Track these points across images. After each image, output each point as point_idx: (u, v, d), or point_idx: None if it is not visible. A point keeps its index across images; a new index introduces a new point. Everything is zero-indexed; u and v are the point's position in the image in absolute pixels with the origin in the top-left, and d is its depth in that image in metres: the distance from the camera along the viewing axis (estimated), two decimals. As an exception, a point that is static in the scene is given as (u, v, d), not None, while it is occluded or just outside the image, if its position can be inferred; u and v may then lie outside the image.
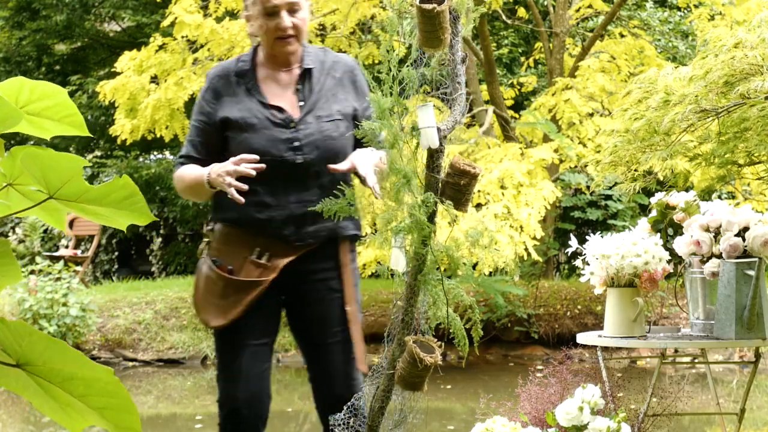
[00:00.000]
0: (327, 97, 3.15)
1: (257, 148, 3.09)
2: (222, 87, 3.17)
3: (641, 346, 3.72)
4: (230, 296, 3.16)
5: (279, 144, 3.11)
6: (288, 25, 3.11)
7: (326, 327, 3.16)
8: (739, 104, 3.47)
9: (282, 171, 3.11)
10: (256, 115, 3.11)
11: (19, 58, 17.67)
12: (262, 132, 3.11)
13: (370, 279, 12.40)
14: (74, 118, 3.12)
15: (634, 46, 13.22)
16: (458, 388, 9.99)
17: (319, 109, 3.13)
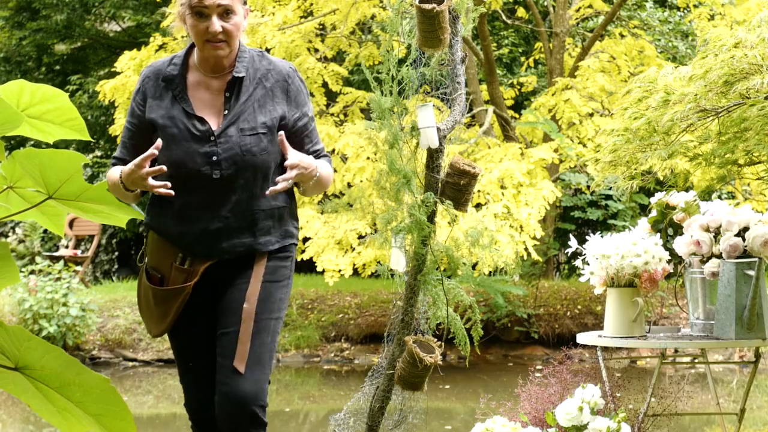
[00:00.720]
0: (253, 108, 3.02)
1: (175, 159, 3.00)
2: (150, 89, 3.08)
3: (641, 346, 3.72)
4: (161, 305, 3.12)
5: (197, 157, 3.00)
6: (217, 29, 2.95)
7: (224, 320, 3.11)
8: (739, 104, 3.47)
9: (199, 185, 3.01)
10: (177, 125, 3.02)
11: (19, 58, 17.67)
12: (181, 144, 3.01)
13: (370, 279, 12.41)
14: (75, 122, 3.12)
15: (634, 46, 13.22)
16: (458, 388, 9.99)
17: (243, 121, 3.01)
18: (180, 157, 3.01)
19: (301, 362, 11.84)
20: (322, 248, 10.41)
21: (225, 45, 2.97)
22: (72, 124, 3.11)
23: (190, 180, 3.01)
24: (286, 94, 3.04)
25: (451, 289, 3.28)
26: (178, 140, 3.01)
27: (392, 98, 3.26)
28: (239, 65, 3.01)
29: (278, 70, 3.06)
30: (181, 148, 3.01)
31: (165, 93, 3.05)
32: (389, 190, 3.25)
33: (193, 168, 3.00)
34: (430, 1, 3.20)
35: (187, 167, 3.00)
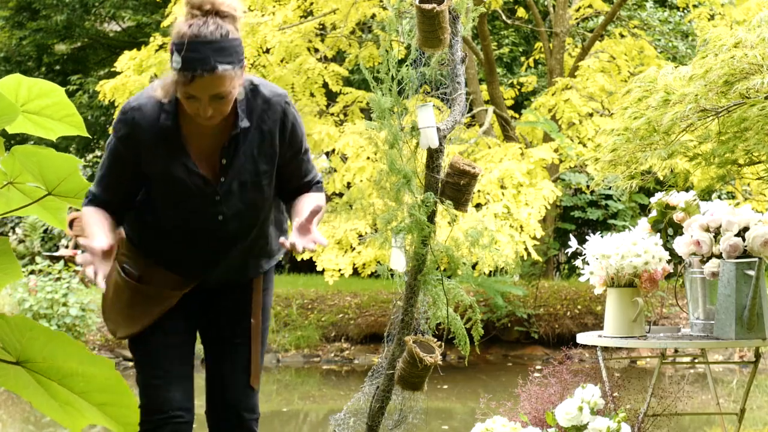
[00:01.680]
0: (253, 157, 2.81)
1: (176, 218, 2.85)
2: (144, 139, 2.77)
3: (641, 346, 3.71)
4: (138, 305, 2.92)
5: (201, 217, 2.83)
6: (207, 114, 2.66)
7: (229, 335, 3.01)
8: (739, 104, 3.47)
9: (200, 239, 2.87)
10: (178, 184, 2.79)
11: (20, 57, 17.67)
12: (184, 203, 2.82)
13: (370, 279, 12.41)
14: (73, 118, 3.11)
15: (634, 46, 13.22)
16: (458, 388, 9.99)
17: (245, 172, 2.80)
18: (182, 216, 2.84)
19: (301, 362, 11.83)
20: (322, 248, 10.41)
21: (217, 118, 2.71)
22: (70, 120, 3.10)
23: (191, 236, 2.87)
24: (283, 133, 2.84)
25: (451, 289, 3.28)
26: (180, 199, 2.81)
27: (392, 98, 3.26)
28: (240, 112, 2.77)
29: (274, 108, 2.82)
30: (184, 207, 2.83)
31: (161, 145, 2.77)
32: (389, 190, 3.25)
33: (196, 226, 2.85)
34: (430, 1, 3.20)
35: (189, 226, 2.85)
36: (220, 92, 2.64)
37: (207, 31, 2.61)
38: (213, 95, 2.64)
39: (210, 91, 2.63)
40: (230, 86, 2.65)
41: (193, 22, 2.62)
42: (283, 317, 12.33)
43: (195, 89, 2.62)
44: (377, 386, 3.35)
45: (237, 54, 2.65)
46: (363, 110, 12.67)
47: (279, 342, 12.05)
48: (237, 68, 2.65)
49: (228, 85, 2.64)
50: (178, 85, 2.64)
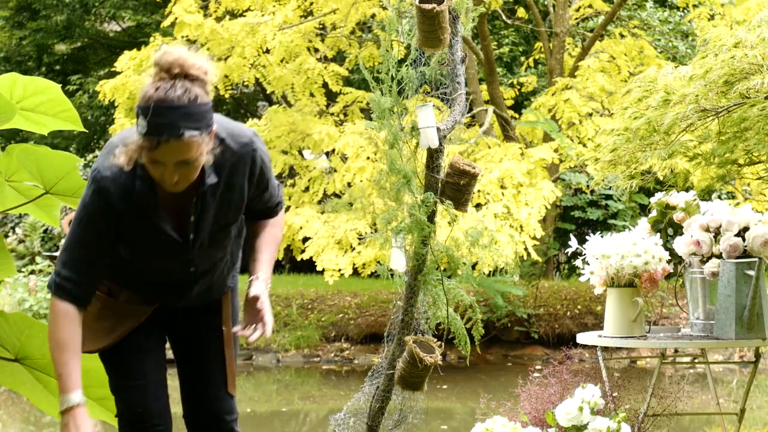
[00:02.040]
0: (223, 210, 2.76)
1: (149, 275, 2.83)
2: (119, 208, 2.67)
3: (641, 346, 3.71)
4: (106, 319, 2.85)
5: (173, 271, 2.82)
6: (173, 180, 2.58)
7: (202, 345, 2.97)
8: (739, 104, 3.47)
9: (170, 285, 2.87)
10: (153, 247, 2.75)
11: (20, 57, 17.67)
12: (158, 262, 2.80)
13: (370, 279, 12.41)
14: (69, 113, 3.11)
15: (634, 46, 13.22)
16: (458, 388, 9.98)
17: (215, 225, 2.77)
18: (155, 272, 2.82)
19: (301, 362, 11.83)
20: (322, 248, 10.41)
21: (184, 184, 2.62)
22: (65, 115, 3.09)
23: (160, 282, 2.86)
24: (251, 179, 2.77)
25: (451, 289, 3.27)
26: (155, 260, 2.79)
27: (392, 98, 3.26)
28: (208, 169, 2.67)
29: (243, 160, 2.73)
30: (158, 266, 2.80)
31: (137, 212, 2.68)
32: (389, 190, 3.24)
33: (169, 278, 2.84)
34: (430, 1, 3.20)
35: (161, 279, 2.84)
36: (187, 158, 2.54)
37: (174, 95, 2.51)
38: (179, 161, 2.54)
39: (176, 157, 2.53)
40: (197, 152, 2.55)
41: (160, 85, 2.52)
42: (283, 317, 12.33)
43: (160, 155, 2.53)
44: (377, 386, 3.35)
45: (205, 120, 2.56)
46: (363, 110, 12.68)
47: (279, 342, 12.05)
48: (204, 134, 2.55)
49: (195, 152, 2.54)
50: (143, 149, 2.53)
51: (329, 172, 12.13)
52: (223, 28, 11.66)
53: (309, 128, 11.76)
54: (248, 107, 18.51)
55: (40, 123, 3.08)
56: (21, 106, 3.01)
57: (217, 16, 12.33)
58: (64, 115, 3.09)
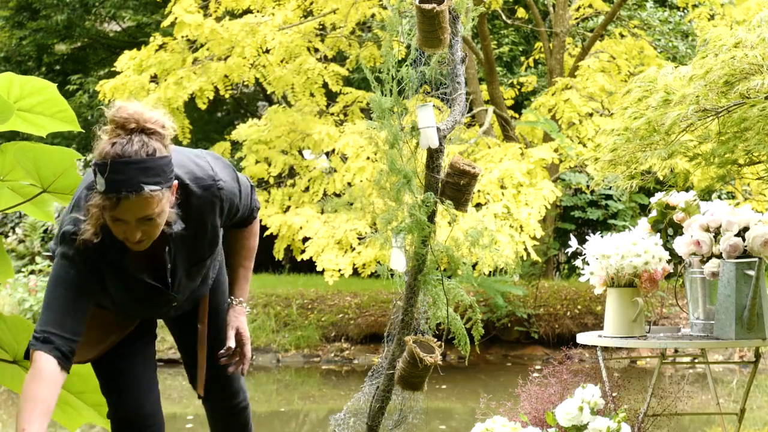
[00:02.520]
0: (195, 248, 2.75)
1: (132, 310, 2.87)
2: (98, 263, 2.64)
3: (641, 346, 3.71)
4: (93, 330, 2.81)
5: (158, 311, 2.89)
6: (135, 238, 2.53)
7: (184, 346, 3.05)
8: (739, 104, 3.47)
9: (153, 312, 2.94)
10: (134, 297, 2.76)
11: (20, 57, 17.67)
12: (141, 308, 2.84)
13: (370, 279, 12.41)
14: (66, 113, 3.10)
15: (634, 46, 13.22)
16: (458, 388, 9.98)
17: (190, 264, 2.77)
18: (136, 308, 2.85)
19: (301, 362, 11.83)
20: (322, 248, 10.41)
21: (147, 242, 2.57)
22: (62, 115, 3.08)
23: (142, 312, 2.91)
24: (220, 213, 2.74)
25: (451, 289, 3.27)
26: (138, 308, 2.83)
27: (392, 98, 3.26)
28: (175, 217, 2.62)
29: (210, 202, 2.70)
30: (138, 304, 2.82)
31: (114, 266, 2.66)
32: (389, 190, 3.24)
33: (150, 310, 2.89)
34: (430, 1, 3.20)
35: (143, 311, 2.89)
36: (148, 214, 2.49)
37: (131, 150, 2.46)
38: (141, 217, 2.49)
39: (137, 213, 2.48)
40: (158, 208, 2.50)
41: (116, 141, 2.48)
42: (283, 317, 12.32)
43: (121, 212, 2.48)
44: (377, 386, 3.35)
45: (165, 174, 2.50)
46: (363, 110, 12.68)
47: (279, 342, 12.05)
48: (165, 189, 2.50)
49: (156, 207, 2.49)
50: (103, 209, 2.49)
51: (329, 172, 12.13)
52: (223, 28, 11.66)
53: (309, 128, 11.76)
54: (248, 107, 18.51)
55: (37, 124, 3.06)
56: (18, 106, 3.00)
57: (217, 16, 12.33)
58: (61, 116, 3.08)
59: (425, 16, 3.18)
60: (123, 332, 2.90)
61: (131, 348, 2.92)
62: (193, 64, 12.09)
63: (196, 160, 2.73)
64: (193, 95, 12.03)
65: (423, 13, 3.18)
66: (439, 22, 3.18)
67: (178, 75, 11.78)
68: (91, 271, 2.63)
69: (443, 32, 3.20)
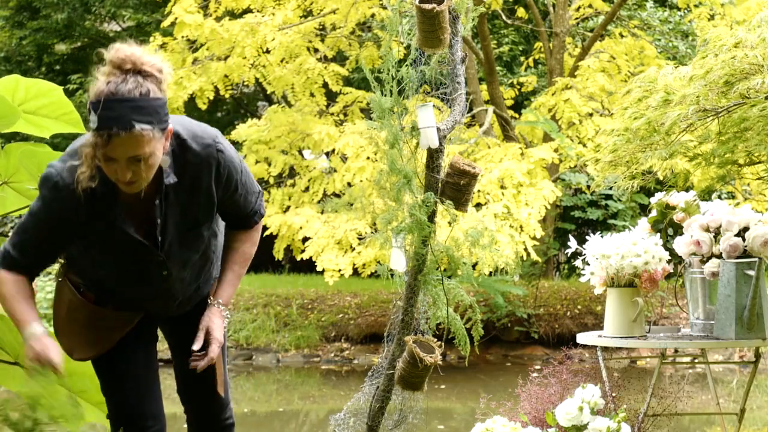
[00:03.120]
0: (188, 209, 2.72)
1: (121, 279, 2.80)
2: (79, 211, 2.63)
3: (641, 346, 3.71)
4: (94, 328, 2.83)
5: (145, 274, 2.78)
6: (126, 177, 2.52)
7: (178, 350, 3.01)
8: (739, 104, 3.47)
9: (146, 289, 2.83)
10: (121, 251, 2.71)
11: (20, 57, 17.68)
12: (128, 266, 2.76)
13: (370, 279, 12.41)
14: (71, 116, 3.11)
15: (634, 46, 13.22)
16: (458, 388, 9.98)
17: (182, 225, 2.72)
18: (128, 277, 2.79)
19: (301, 362, 11.83)
20: (322, 248, 10.41)
21: (139, 184, 2.57)
22: (67, 118, 3.10)
23: (136, 288, 2.83)
24: (218, 181, 2.72)
25: (451, 289, 3.27)
26: (121, 261, 2.75)
27: (392, 98, 3.25)
28: (167, 169, 2.64)
29: (207, 161, 2.69)
30: (126, 267, 2.77)
31: (98, 215, 2.65)
32: (389, 190, 3.24)
33: (142, 282, 2.80)
34: (430, 1, 3.20)
35: (135, 284, 2.80)
36: (138, 154, 2.49)
37: (125, 88, 2.48)
38: (131, 157, 2.49)
39: (128, 152, 2.48)
40: (149, 148, 2.50)
41: (111, 80, 2.49)
42: (283, 317, 12.32)
43: (112, 150, 2.48)
44: (377, 386, 3.35)
45: (158, 115, 2.51)
46: (363, 110, 12.68)
47: (279, 342, 12.04)
48: (157, 129, 2.50)
49: (147, 147, 2.49)
50: (96, 147, 2.49)
51: (329, 172, 12.12)
52: (223, 28, 11.66)
53: (309, 128, 11.76)
54: (248, 107, 18.51)
55: (42, 126, 3.08)
56: (23, 108, 3.02)
57: (217, 15, 12.33)
58: (66, 118, 3.10)
59: (425, 16, 3.18)
60: (123, 330, 2.88)
61: (132, 349, 2.91)
62: (193, 64, 12.10)
63: (201, 125, 2.76)
64: (193, 95, 12.03)
65: (423, 13, 3.18)
66: (439, 22, 3.18)
67: (178, 75, 11.79)
68: (65, 218, 2.64)
69: (443, 32, 3.20)
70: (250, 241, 2.93)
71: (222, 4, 12.30)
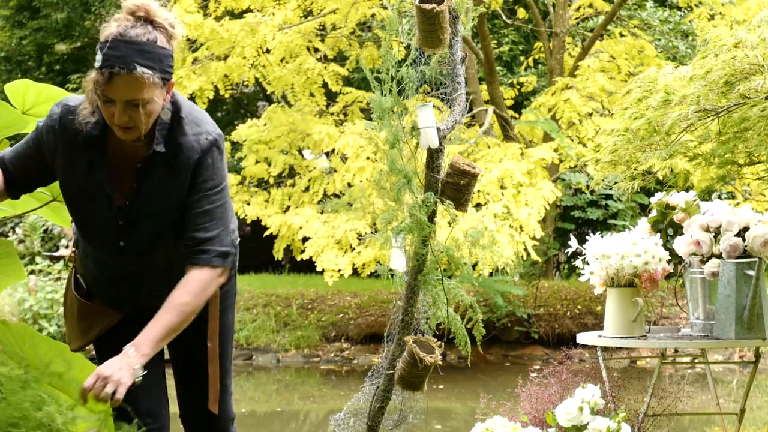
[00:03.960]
0: (166, 189, 2.69)
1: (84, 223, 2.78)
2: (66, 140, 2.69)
3: (641, 346, 3.71)
4: (85, 320, 2.88)
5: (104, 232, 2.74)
6: (123, 120, 2.55)
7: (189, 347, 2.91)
8: (739, 104, 3.47)
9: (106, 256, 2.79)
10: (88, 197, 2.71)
11: (20, 57, 17.68)
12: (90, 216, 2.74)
13: (370, 279, 12.41)
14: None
15: (634, 45, 13.22)
16: (458, 388, 9.98)
17: (154, 201, 2.70)
18: (87, 224, 2.77)
19: (301, 362, 11.83)
20: (322, 248, 10.41)
21: (134, 131, 2.59)
22: None
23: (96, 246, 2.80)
24: (195, 170, 2.69)
25: (451, 289, 3.27)
26: (87, 213, 2.74)
27: (392, 98, 3.25)
28: (159, 135, 2.65)
29: (192, 146, 2.68)
30: (89, 219, 2.76)
31: (82, 153, 2.69)
32: (389, 190, 3.24)
33: (100, 241, 2.77)
34: (430, 1, 3.19)
35: (94, 235, 2.78)
36: (137, 98, 2.52)
37: (133, 32, 2.53)
38: (129, 100, 2.52)
39: (127, 94, 2.52)
40: (148, 94, 2.53)
41: (122, 24, 2.55)
42: (283, 317, 12.32)
43: (111, 90, 2.52)
44: (377, 386, 3.35)
45: (161, 63, 2.55)
46: (363, 110, 12.68)
47: (279, 342, 12.04)
48: (158, 76, 2.54)
49: (146, 92, 2.53)
50: (96, 85, 2.53)
51: (329, 172, 12.13)
52: (223, 28, 11.66)
53: (309, 128, 11.76)
54: (248, 107, 18.51)
55: None
56: (33, 112, 3.06)
57: (217, 15, 12.33)
58: None
59: (425, 16, 3.18)
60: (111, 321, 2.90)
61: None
62: (193, 64, 12.09)
63: (208, 118, 2.78)
64: (192, 95, 12.02)
65: (423, 13, 3.18)
66: (439, 22, 3.18)
67: (178, 75, 11.78)
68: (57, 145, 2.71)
69: (443, 32, 3.20)
70: (185, 288, 2.65)
71: (222, 4, 12.30)
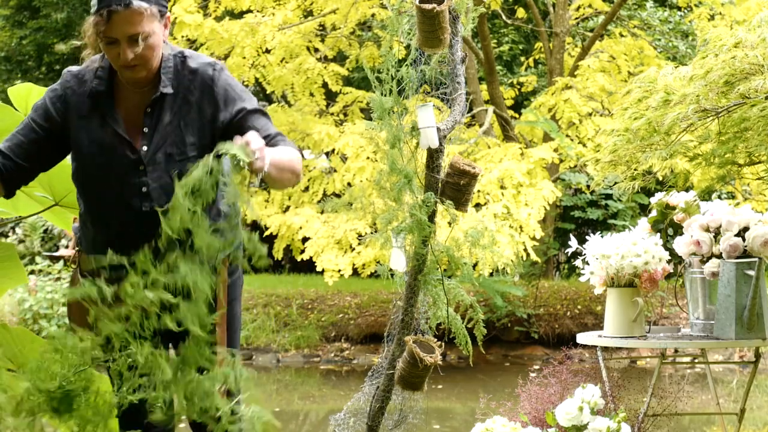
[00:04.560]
0: (180, 128, 2.73)
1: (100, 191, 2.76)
2: (75, 102, 2.74)
3: (641, 346, 3.71)
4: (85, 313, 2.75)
5: (125, 188, 2.72)
6: (128, 57, 2.62)
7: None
8: (739, 104, 3.47)
9: (125, 219, 2.74)
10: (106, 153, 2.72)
11: (20, 57, 17.68)
12: (109, 174, 2.72)
13: (370, 279, 12.41)
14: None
15: (634, 45, 13.22)
16: (458, 388, 9.98)
17: (171, 144, 2.71)
18: (106, 188, 2.74)
19: (301, 362, 11.83)
20: (322, 248, 10.41)
21: (141, 68, 2.66)
22: None
23: (116, 213, 2.75)
24: (214, 98, 2.75)
25: (452, 289, 3.27)
26: (105, 170, 2.73)
27: (392, 98, 3.25)
28: (164, 78, 2.72)
29: (200, 77, 2.75)
30: (109, 178, 2.73)
31: (92, 111, 2.73)
32: (389, 190, 3.24)
33: (121, 200, 2.73)
34: (430, 1, 3.19)
35: (113, 200, 2.74)
36: (137, 32, 2.60)
37: None
38: (130, 35, 2.60)
39: (126, 29, 2.60)
40: (148, 27, 2.62)
41: None
42: (283, 317, 12.32)
43: (111, 29, 2.59)
44: (377, 386, 3.35)
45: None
46: (363, 110, 12.68)
47: (279, 342, 12.04)
48: (154, 7, 2.63)
49: (145, 25, 2.61)
50: (97, 27, 2.60)
51: (329, 172, 12.13)
52: (223, 28, 11.66)
53: (309, 128, 11.76)
54: (248, 107, 18.49)
55: None
56: None
57: (217, 15, 12.33)
58: None
59: (425, 16, 3.18)
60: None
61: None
62: (193, 64, 12.08)
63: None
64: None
65: (423, 13, 3.18)
66: (439, 22, 3.18)
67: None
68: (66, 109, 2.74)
69: (443, 32, 3.20)
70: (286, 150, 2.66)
71: (222, 4, 12.30)
